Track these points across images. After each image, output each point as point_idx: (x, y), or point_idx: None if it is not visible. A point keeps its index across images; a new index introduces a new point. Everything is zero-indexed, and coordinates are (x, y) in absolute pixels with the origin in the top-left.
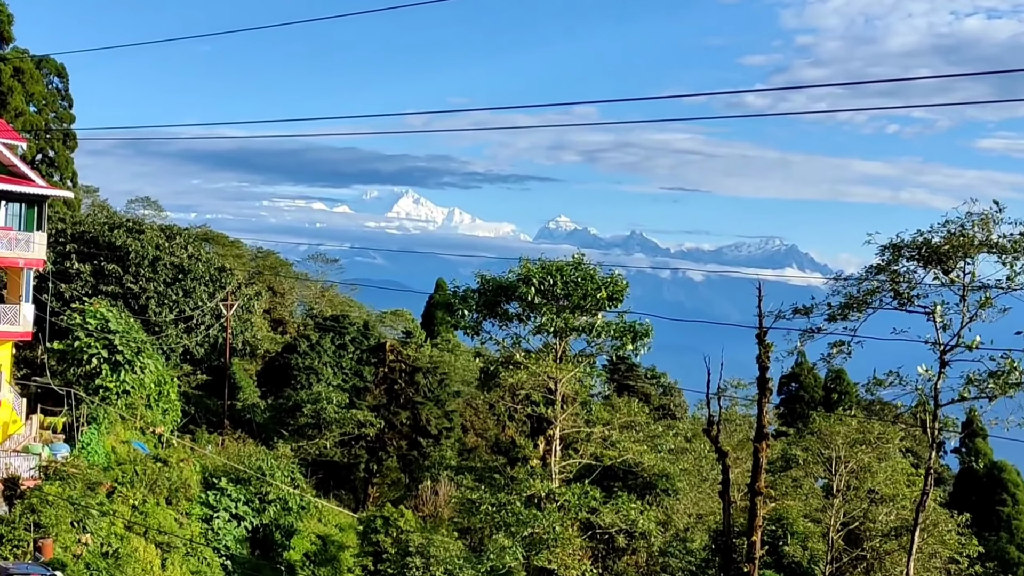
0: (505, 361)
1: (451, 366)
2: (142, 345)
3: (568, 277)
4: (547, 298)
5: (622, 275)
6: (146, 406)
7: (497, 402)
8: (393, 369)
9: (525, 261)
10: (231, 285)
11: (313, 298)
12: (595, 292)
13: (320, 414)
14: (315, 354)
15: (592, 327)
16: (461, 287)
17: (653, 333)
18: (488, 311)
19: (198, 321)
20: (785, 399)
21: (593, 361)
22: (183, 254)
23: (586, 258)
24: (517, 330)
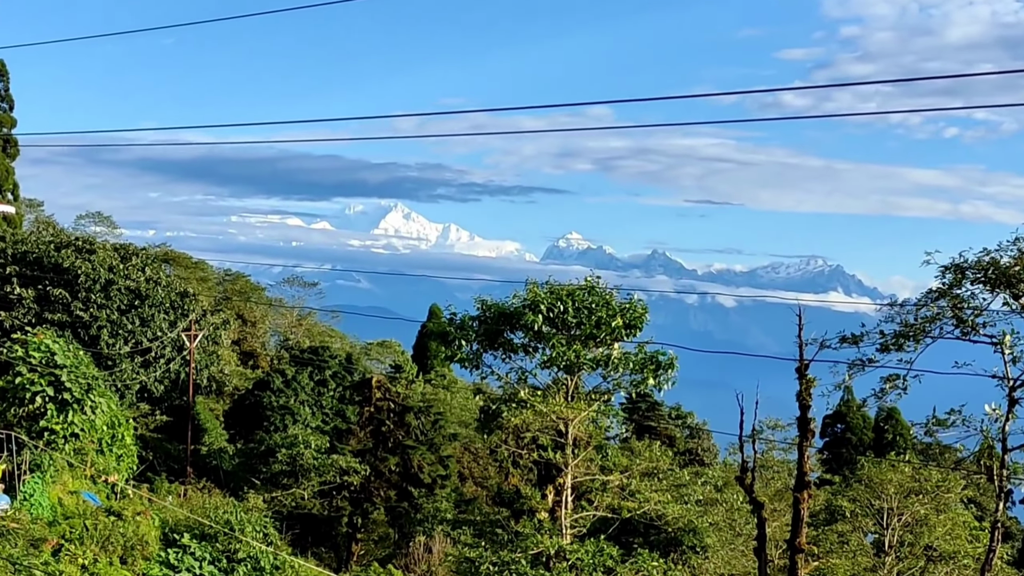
0: (508, 399)
1: (447, 405)
2: (93, 381)
3: (580, 303)
4: (557, 327)
5: (642, 300)
6: (98, 451)
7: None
8: (380, 408)
9: (531, 284)
10: (195, 312)
11: (289, 327)
12: (611, 320)
13: (297, 460)
14: (291, 391)
15: (608, 360)
16: (458, 314)
17: (678, 366)
18: (489, 342)
19: (157, 354)
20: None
21: (609, 399)
22: (140, 277)
23: (601, 281)
24: (522, 363)
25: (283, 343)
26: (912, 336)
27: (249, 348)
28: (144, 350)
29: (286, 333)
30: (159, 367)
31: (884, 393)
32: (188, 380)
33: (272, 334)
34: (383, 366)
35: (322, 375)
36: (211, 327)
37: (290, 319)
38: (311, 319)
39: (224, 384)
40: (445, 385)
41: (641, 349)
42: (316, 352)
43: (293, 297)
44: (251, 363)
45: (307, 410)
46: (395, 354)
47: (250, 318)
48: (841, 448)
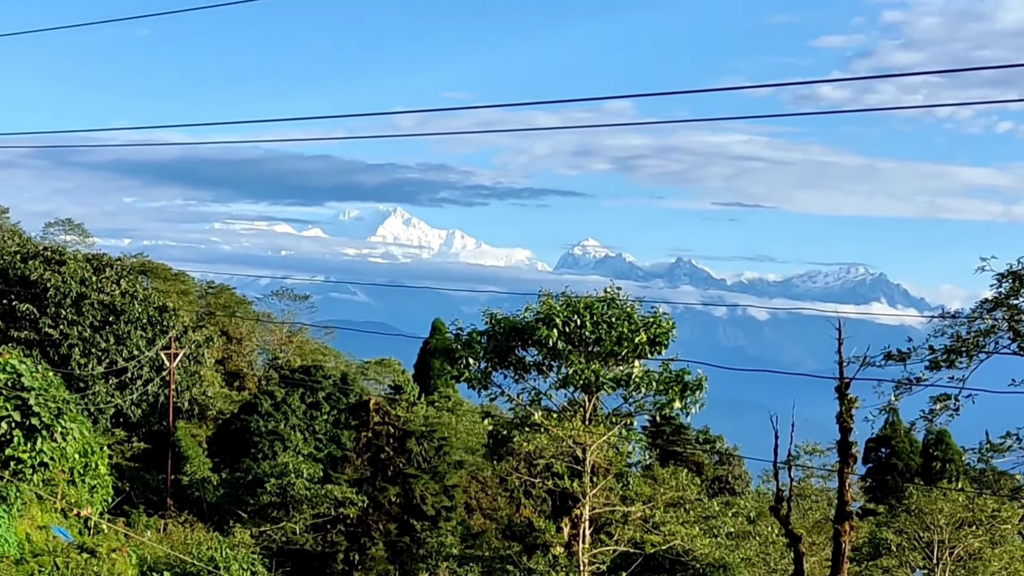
0: (520, 423)
1: (452, 429)
2: (64, 405)
3: (599, 316)
4: (573, 343)
5: (667, 313)
6: (69, 482)
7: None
8: (379, 434)
9: (545, 296)
10: (175, 329)
11: (278, 345)
12: (633, 335)
13: (287, 491)
14: (281, 415)
15: (630, 379)
16: (464, 329)
17: (706, 386)
18: (499, 359)
19: (134, 375)
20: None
21: (631, 422)
22: (114, 291)
23: (621, 292)
24: (535, 383)
25: (272, 362)
26: (964, 351)
27: (234, 368)
28: (119, 371)
29: (275, 351)
30: (136, 389)
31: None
32: (168, 403)
33: (260, 352)
34: (382, 387)
35: (315, 397)
36: (193, 345)
37: (279, 336)
38: (302, 336)
39: (207, 407)
40: (450, 407)
41: (666, 367)
42: (308, 372)
43: (282, 312)
44: (237, 384)
45: (298, 436)
46: (395, 374)
47: (235, 335)
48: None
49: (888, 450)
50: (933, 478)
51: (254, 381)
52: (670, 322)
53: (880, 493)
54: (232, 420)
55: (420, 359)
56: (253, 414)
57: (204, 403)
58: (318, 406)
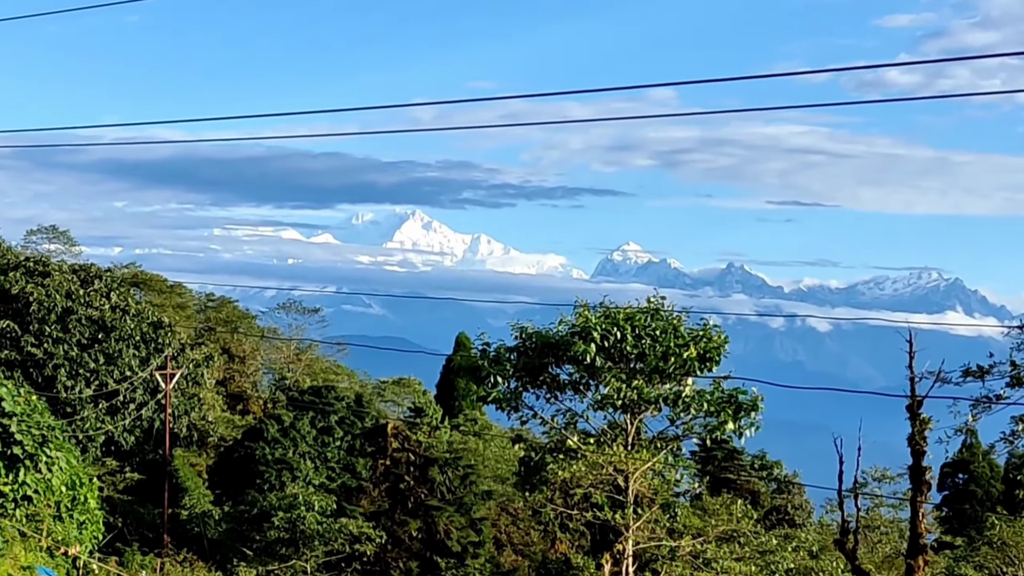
0: (555, 448)
1: (479, 456)
2: (49, 433)
3: (642, 329)
4: (613, 359)
5: (718, 325)
6: (55, 517)
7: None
8: (398, 461)
9: (581, 307)
10: (171, 347)
11: (285, 363)
12: (680, 350)
13: (297, 525)
14: (289, 441)
15: (677, 399)
16: (492, 345)
17: (762, 406)
18: (530, 378)
19: (126, 398)
20: (950, 497)
21: (679, 447)
22: (104, 305)
23: (667, 301)
24: (571, 404)
25: (279, 383)
26: None
27: (237, 389)
28: (110, 393)
29: (282, 371)
30: (129, 414)
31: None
32: (164, 429)
33: (265, 372)
34: (400, 409)
35: (326, 421)
36: (191, 364)
37: (287, 353)
38: (312, 353)
39: (207, 434)
40: (476, 431)
41: (717, 386)
42: (319, 393)
43: (290, 327)
44: (240, 408)
45: (309, 464)
46: (415, 394)
47: (238, 353)
48: (964, 504)
49: (966, 476)
50: (1016, 507)
51: (259, 404)
52: (721, 335)
53: (957, 524)
54: (235, 447)
55: (443, 378)
56: (258, 440)
57: (204, 429)
58: (330, 431)
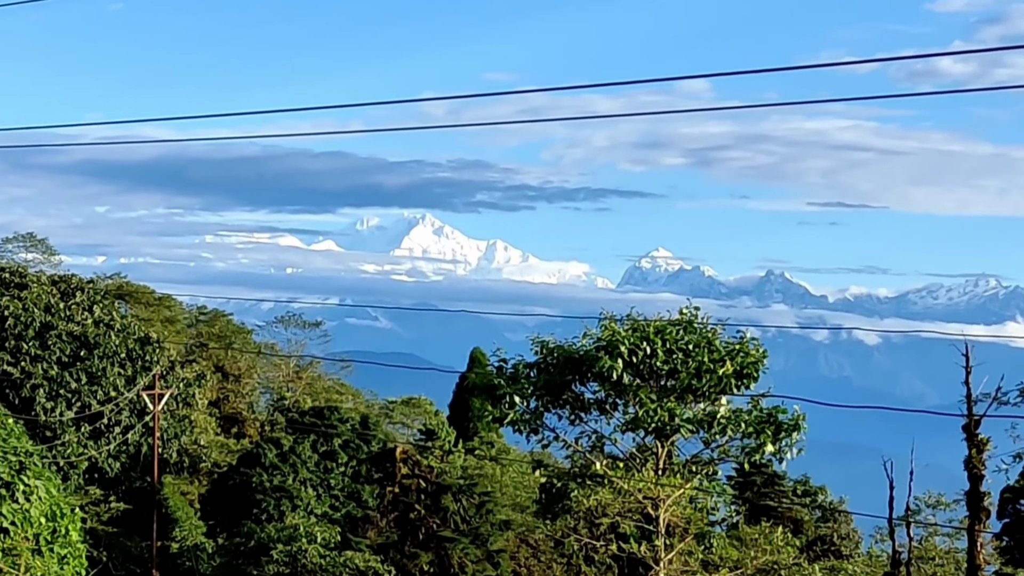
0: (579, 473)
1: (496, 482)
2: (27, 459)
3: (674, 344)
4: (642, 376)
5: (756, 339)
6: (34, 551)
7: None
8: (407, 489)
9: (607, 319)
10: (159, 365)
11: (284, 382)
12: (715, 366)
13: (298, 559)
14: (288, 467)
15: (712, 419)
16: (509, 361)
17: (805, 426)
18: (552, 397)
19: (111, 421)
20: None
21: (714, 471)
22: (86, 319)
23: (700, 313)
24: (597, 425)
25: (277, 404)
26: None
27: (232, 411)
28: (94, 416)
29: (281, 390)
30: (114, 438)
31: None
32: (152, 455)
33: (262, 392)
34: (410, 432)
35: (329, 445)
36: (181, 384)
37: (286, 371)
38: (313, 371)
39: (199, 459)
40: (493, 456)
41: (756, 404)
42: (321, 415)
43: (289, 342)
44: (235, 431)
45: (310, 492)
46: (426, 416)
47: (233, 371)
48: None
49: None
50: None
51: (256, 427)
52: (760, 349)
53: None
54: (230, 474)
55: (456, 397)
56: (255, 466)
57: (196, 454)
58: (334, 456)
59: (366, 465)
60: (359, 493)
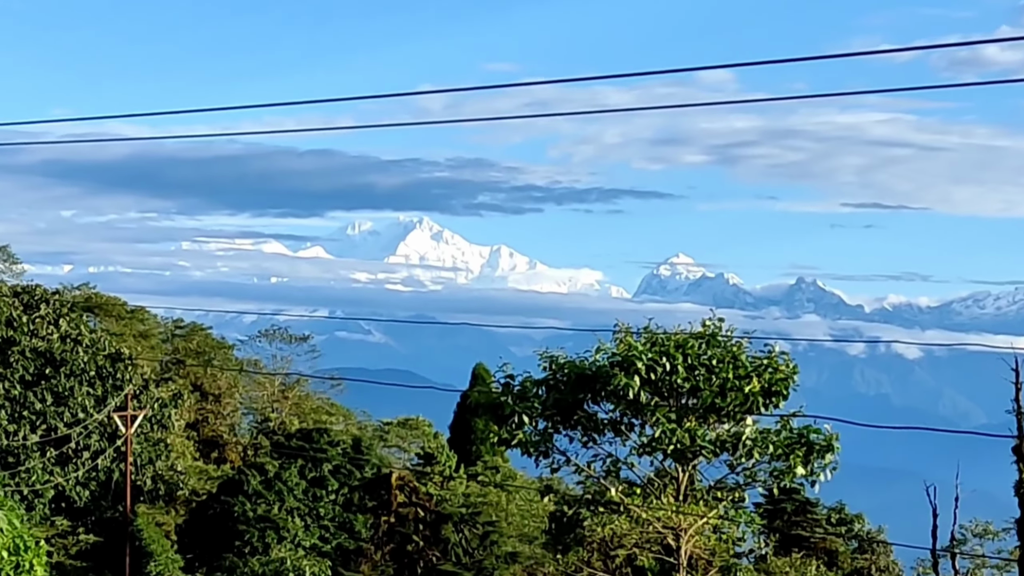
0: (592, 501)
1: (501, 511)
2: None
3: (695, 358)
4: (661, 394)
5: (786, 353)
6: None
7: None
8: (404, 518)
9: (623, 332)
10: (132, 384)
11: (269, 402)
12: (741, 383)
13: None
14: (274, 495)
15: (738, 441)
16: (516, 378)
17: (839, 447)
18: (562, 417)
19: (79, 445)
20: None
21: (740, 498)
22: (52, 334)
23: (725, 325)
24: (611, 448)
25: (261, 426)
26: None
27: (212, 434)
28: (60, 439)
29: (265, 411)
30: (82, 464)
31: None
32: (124, 482)
33: (245, 413)
34: (407, 456)
35: (319, 471)
36: (156, 404)
37: (270, 390)
38: (301, 389)
39: (176, 487)
40: (498, 482)
41: (785, 424)
42: (309, 438)
43: (274, 358)
44: (215, 455)
45: (298, 522)
46: (424, 438)
47: (212, 390)
48: None
49: None
50: None
51: (238, 451)
52: (790, 364)
53: None
54: (209, 503)
55: (457, 418)
56: (237, 494)
57: (172, 481)
58: (323, 483)
59: (359, 492)
60: (351, 523)
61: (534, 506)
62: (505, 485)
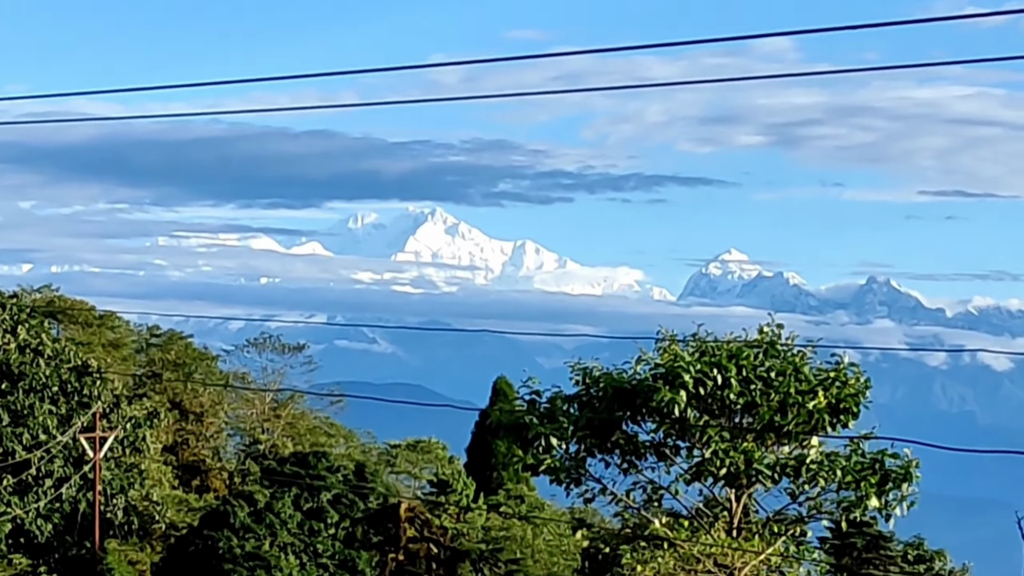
0: (632, 535)
1: (526, 546)
2: None
3: (751, 370)
4: (711, 412)
5: (856, 364)
6: None
7: None
8: (414, 555)
9: (667, 340)
10: (101, 401)
11: (258, 421)
12: (805, 398)
13: None
14: (264, 529)
15: (800, 466)
16: (543, 393)
17: (919, 474)
18: (597, 438)
19: (40, 471)
20: None
21: (803, 532)
22: (9, 344)
23: (785, 331)
24: (654, 474)
25: (249, 449)
26: None
27: (193, 458)
28: (19, 465)
29: (254, 431)
30: (44, 493)
31: None
32: (92, 514)
33: (231, 434)
34: (418, 484)
35: (316, 501)
36: (128, 424)
37: (260, 408)
38: (295, 407)
39: (152, 519)
40: (523, 513)
41: (856, 447)
42: (305, 462)
43: (264, 370)
44: (197, 483)
45: (292, 560)
46: (437, 463)
47: (193, 408)
48: None
49: None
50: None
51: (223, 478)
52: (861, 377)
53: None
54: (190, 538)
55: (476, 440)
56: (222, 528)
57: (147, 512)
58: (321, 514)
59: (362, 526)
60: (354, 561)
61: (564, 541)
62: (531, 517)
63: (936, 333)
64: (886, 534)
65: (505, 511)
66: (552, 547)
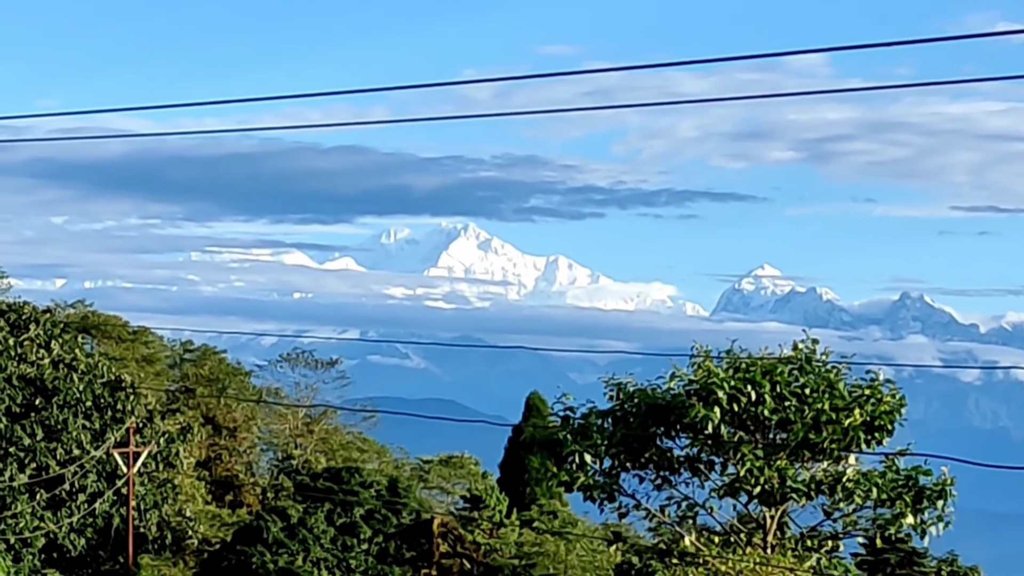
0: (665, 551)
1: (560, 562)
2: None
3: (785, 387)
4: (746, 428)
5: (891, 381)
6: None
7: None
8: (448, 570)
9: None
10: (134, 416)
11: (291, 437)
12: (840, 415)
13: None
14: (298, 544)
15: (835, 483)
16: (577, 409)
17: (955, 492)
18: (631, 454)
19: (74, 486)
20: None
21: (837, 548)
22: (43, 359)
23: (819, 347)
24: (687, 490)
25: (282, 464)
26: None
27: (226, 473)
28: (53, 480)
29: (287, 447)
30: (78, 508)
31: None
32: (126, 529)
33: (264, 449)
34: (451, 499)
35: (349, 516)
36: (162, 439)
37: (293, 423)
38: (328, 422)
39: (185, 534)
40: (556, 529)
41: (891, 464)
42: (338, 478)
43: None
44: (230, 498)
45: (325, 575)
46: (470, 478)
47: (226, 423)
48: None
49: None
50: None
51: (256, 493)
52: (896, 394)
53: None
54: (223, 553)
55: (509, 455)
56: (255, 543)
57: (180, 527)
58: (354, 529)
59: (395, 541)
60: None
61: (598, 557)
62: (565, 533)
63: (970, 349)
64: (920, 550)
65: (538, 527)
66: (585, 563)
